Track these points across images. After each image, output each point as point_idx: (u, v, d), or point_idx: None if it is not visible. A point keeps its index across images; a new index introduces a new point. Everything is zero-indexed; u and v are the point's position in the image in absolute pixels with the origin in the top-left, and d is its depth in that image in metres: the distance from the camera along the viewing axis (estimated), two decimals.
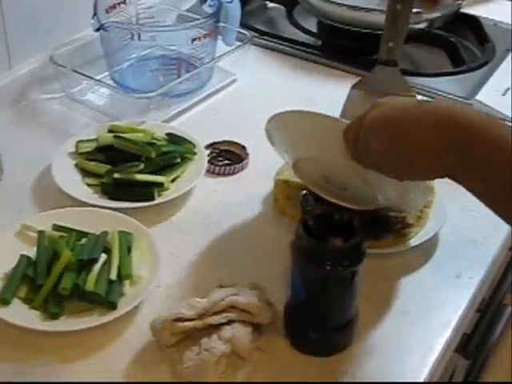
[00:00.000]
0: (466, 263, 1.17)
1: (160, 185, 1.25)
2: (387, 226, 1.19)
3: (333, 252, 0.96)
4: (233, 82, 1.59)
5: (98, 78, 1.49)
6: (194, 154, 1.32)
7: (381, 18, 1.32)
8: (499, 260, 1.24)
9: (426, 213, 1.21)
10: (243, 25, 1.65)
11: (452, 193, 1.25)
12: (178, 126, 1.41)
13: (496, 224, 1.13)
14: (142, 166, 1.25)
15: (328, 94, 1.54)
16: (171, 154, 1.29)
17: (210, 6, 1.55)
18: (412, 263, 1.17)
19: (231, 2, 1.57)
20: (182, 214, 1.25)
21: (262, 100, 1.54)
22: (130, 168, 1.25)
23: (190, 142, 1.34)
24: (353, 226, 0.97)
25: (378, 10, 1.62)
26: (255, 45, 1.68)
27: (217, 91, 1.56)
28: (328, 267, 0.95)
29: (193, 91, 1.52)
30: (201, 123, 1.46)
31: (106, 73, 1.54)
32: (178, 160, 1.29)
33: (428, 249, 1.19)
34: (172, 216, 1.24)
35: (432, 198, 1.22)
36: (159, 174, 1.26)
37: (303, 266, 0.98)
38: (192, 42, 1.49)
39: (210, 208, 1.26)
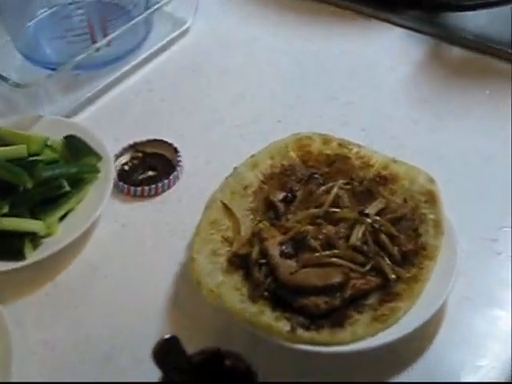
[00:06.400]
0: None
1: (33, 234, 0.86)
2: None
3: None
4: (183, 34, 1.16)
5: None
6: (97, 171, 0.93)
7: None
8: None
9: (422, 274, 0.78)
10: None
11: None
12: (87, 121, 1.03)
13: None
14: (5, 209, 0.86)
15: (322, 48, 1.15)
16: (55, 183, 0.90)
17: None
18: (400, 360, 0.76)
19: None
20: (71, 272, 0.87)
21: (219, 60, 1.13)
22: None
23: (94, 153, 0.94)
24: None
25: None
26: None
27: (153, 55, 1.13)
28: None
29: (118, 59, 1.10)
30: (123, 111, 1.06)
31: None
32: (66, 188, 0.90)
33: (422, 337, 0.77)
34: (57, 275, 0.86)
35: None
36: (38, 213, 0.88)
37: None
38: None
39: (115, 258, 0.88)
